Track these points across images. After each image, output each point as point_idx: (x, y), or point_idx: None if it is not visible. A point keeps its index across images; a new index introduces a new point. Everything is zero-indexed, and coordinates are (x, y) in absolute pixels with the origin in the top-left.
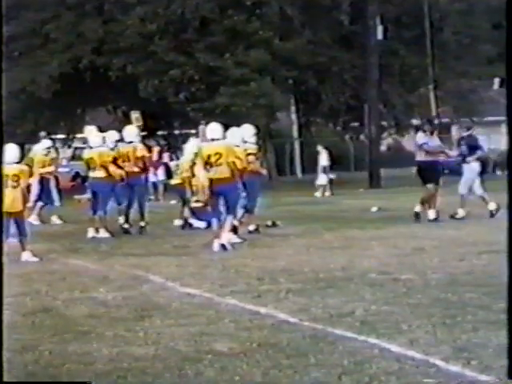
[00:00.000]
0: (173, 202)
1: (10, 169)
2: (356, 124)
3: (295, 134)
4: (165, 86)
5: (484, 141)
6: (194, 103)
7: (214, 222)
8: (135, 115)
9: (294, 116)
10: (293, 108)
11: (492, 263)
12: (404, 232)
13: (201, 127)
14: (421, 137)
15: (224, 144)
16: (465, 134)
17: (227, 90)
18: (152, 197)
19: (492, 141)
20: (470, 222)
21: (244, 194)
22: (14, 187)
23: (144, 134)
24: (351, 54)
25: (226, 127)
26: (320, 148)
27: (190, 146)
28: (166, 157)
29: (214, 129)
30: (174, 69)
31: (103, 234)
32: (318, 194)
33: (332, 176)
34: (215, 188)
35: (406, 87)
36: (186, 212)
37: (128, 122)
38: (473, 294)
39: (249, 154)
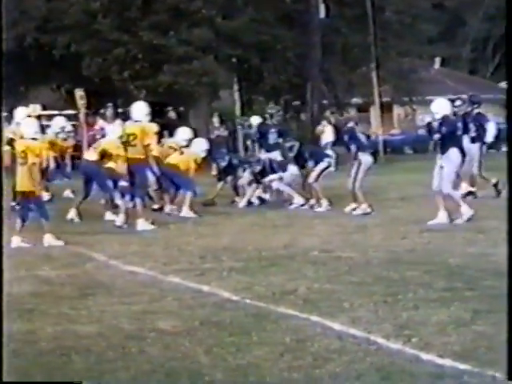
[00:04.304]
0: None
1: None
2: (297, 102)
3: (238, 112)
4: (109, 65)
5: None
6: (137, 81)
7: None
8: (79, 93)
9: (236, 94)
10: (235, 86)
11: (433, 242)
12: (346, 211)
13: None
14: None
15: (140, 125)
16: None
17: (170, 68)
18: None
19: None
20: (412, 202)
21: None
22: None
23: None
24: (294, 32)
25: (168, 105)
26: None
27: None
28: None
29: (137, 109)
30: (118, 47)
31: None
32: None
33: None
34: (130, 167)
35: (347, 66)
36: None
37: (72, 100)
38: (414, 272)
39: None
